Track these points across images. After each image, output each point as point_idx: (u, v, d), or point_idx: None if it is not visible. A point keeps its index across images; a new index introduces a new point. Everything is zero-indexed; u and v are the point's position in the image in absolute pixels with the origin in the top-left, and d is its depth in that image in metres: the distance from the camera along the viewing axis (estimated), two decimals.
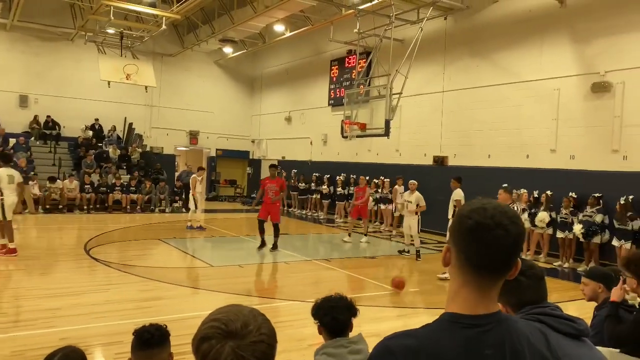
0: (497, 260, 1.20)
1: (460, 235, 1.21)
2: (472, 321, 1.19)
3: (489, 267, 1.20)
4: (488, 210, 1.20)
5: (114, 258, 9.81)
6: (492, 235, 1.17)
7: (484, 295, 1.22)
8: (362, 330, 2.84)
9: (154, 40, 20.58)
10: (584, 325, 1.83)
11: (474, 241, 1.19)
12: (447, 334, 1.19)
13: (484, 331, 1.18)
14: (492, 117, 13.53)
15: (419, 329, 1.23)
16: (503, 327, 1.20)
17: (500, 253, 1.19)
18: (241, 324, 1.09)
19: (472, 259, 1.20)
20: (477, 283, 1.22)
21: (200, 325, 1.13)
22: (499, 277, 1.23)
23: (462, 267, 1.22)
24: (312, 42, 20.15)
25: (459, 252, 1.22)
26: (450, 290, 1.26)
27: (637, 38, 10.68)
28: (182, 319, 5.81)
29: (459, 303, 1.22)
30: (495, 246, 1.18)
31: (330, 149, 19.51)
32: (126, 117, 21.72)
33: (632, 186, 10.29)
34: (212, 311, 1.16)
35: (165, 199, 18.80)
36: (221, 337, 1.07)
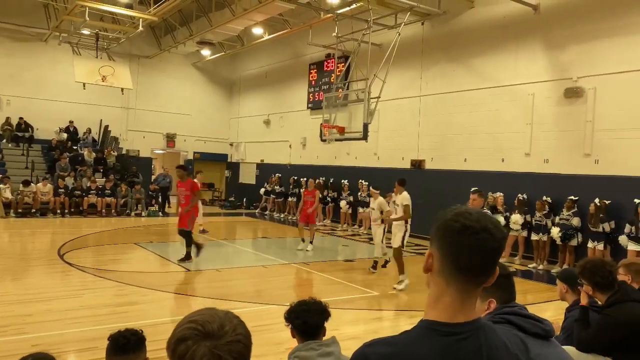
0: (482, 263, 1.22)
1: (447, 238, 1.22)
2: (451, 329, 1.20)
3: (474, 269, 1.21)
4: (473, 215, 1.22)
5: (89, 263, 9.65)
6: (478, 238, 1.19)
7: (465, 302, 1.23)
8: (339, 333, 2.87)
9: (131, 42, 20.33)
10: (550, 326, 1.89)
11: (460, 243, 1.20)
12: (425, 342, 1.19)
13: (461, 339, 1.19)
14: (469, 121, 13.72)
15: (397, 337, 1.23)
16: (481, 334, 1.21)
17: (486, 256, 1.21)
18: (217, 325, 1.10)
19: (458, 261, 1.21)
20: (460, 288, 1.22)
21: (176, 328, 1.13)
22: (480, 281, 1.24)
23: (447, 271, 1.22)
24: (291, 46, 20.17)
25: (444, 256, 1.23)
26: (431, 296, 1.26)
27: (607, 45, 10.96)
28: (158, 324, 5.76)
29: (440, 310, 1.23)
30: (481, 249, 1.20)
31: (310, 152, 19.53)
32: (102, 119, 21.40)
33: (603, 189, 10.54)
34: (185, 316, 1.16)
35: (142, 203, 18.57)
36: (198, 338, 1.07)
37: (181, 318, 1.18)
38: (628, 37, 10.62)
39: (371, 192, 10.40)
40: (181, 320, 1.14)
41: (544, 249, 11.20)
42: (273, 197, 20.01)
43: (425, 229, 13.78)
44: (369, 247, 13.52)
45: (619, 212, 10.21)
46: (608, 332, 3.22)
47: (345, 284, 8.91)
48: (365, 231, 15.68)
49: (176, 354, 1.08)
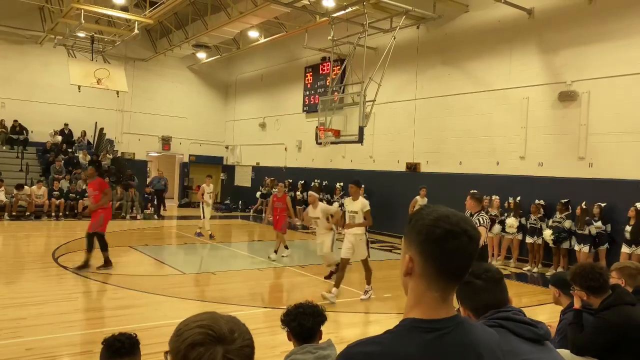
0: (463, 266, 1.25)
1: (428, 243, 1.24)
2: (433, 325, 1.23)
3: (456, 272, 1.25)
4: (451, 218, 1.25)
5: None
6: (460, 242, 1.23)
7: (445, 300, 1.26)
8: (335, 335, 2.87)
9: (126, 45, 20.31)
10: (544, 330, 1.89)
11: (443, 249, 1.22)
12: (408, 340, 1.22)
13: (444, 334, 1.22)
14: (464, 124, 13.77)
15: (381, 336, 1.25)
16: (461, 329, 1.25)
17: (467, 259, 1.25)
18: (228, 329, 1.10)
19: (441, 266, 1.23)
20: (441, 288, 1.25)
21: (181, 332, 1.11)
22: (460, 282, 1.28)
23: (428, 275, 1.25)
24: (286, 49, 20.20)
25: (425, 261, 1.24)
26: (411, 297, 1.29)
27: (601, 49, 11.04)
28: (152, 327, 5.74)
29: (421, 309, 1.26)
30: (463, 252, 1.23)
31: (305, 155, 19.54)
32: (97, 122, 21.34)
33: (597, 193, 10.60)
34: (186, 319, 1.15)
35: (136, 206, 18.51)
36: (211, 342, 1.07)
37: (175, 321, 1.17)
38: (621, 41, 10.70)
39: (310, 197, 9.51)
40: (184, 324, 1.12)
41: (539, 252, 11.25)
42: (268, 200, 19.96)
43: None
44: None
45: (613, 215, 10.27)
46: (602, 335, 3.24)
47: (341, 287, 8.89)
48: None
49: (189, 357, 1.07)
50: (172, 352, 1.09)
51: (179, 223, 18.45)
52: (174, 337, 1.11)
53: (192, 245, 13.25)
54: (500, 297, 1.98)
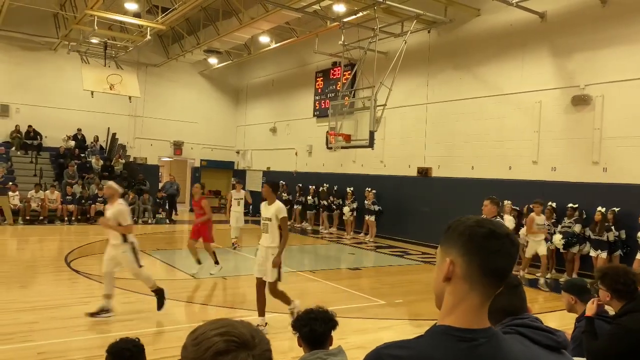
0: (505, 267, 1.25)
1: (473, 243, 1.24)
2: (466, 334, 1.21)
3: (499, 273, 1.25)
4: (494, 222, 1.28)
5: (96, 270, 9.62)
6: (503, 243, 1.24)
7: (482, 308, 1.25)
8: (346, 341, 2.84)
9: (139, 51, 20.50)
10: (562, 337, 1.85)
11: (488, 247, 1.23)
12: (440, 346, 1.20)
13: (477, 345, 1.20)
14: (475, 129, 13.68)
15: (412, 340, 1.24)
16: (494, 342, 1.23)
17: (509, 260, 1.26)
18: (249, 335, 1.08)
19: (485, 265, 1.23)
20: (482, 292, 1.24)
21: (199, 341, 1.07)
22: (500, 286, 1.27)
23: (472, 276, 1.24)
24: (297, 54, 20.25)
25: (469, 262, 1.24)
26: (449, 303, 1.27)
27: (615, 52, 10.91)
28: (163, 332, 5.75)
29: (457, 316, 1.24)
30: (505, 253, 1.24)
31: (315, 160, 19.54)
32: (109, 127, 21.53)
33: (612, 197, 10.46)
34: (201, 327, 1.10)
35: (149, 210, 18.61)
36: (236, 349, 1.05)
37: (186, 326, 1.15)
38: (635, 44, 10.57)
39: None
40: (200, 332, 1.08)
41: (552, 257, 11.11)
42: None
43: (431, 237, 13.74)
44: (376, 255, 13.48)
45: (628, 221, 10.12)
46: (619, 342, 3.17)
47: (351, 293, 8.86)
48: (371, 239, 15.61)
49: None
50: None
51: (190, 227, 18.51)
52: (193, 348, 1.07)
53: (203, 250, 13.26)
54: (517, 303, 1.95)
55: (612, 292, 3.32)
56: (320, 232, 17.46)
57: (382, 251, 13.93)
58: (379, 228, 15.76)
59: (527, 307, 2.02)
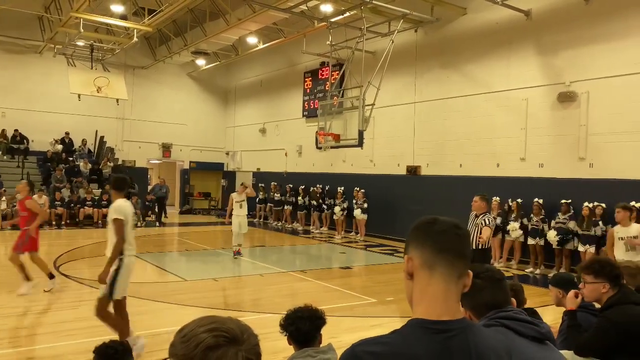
0: (458, 245, 1.32)
1: (422, 230, 1.34)
2: (440, 326, 1.24)
3: (453, 250, 1.30)
4: (440, 216, 1.37)
5: (85, 274, 9.60)
6: (447, 226, 1.33)
7: (449, 294, 1.28)
8: (338, 340, 2.85)
9: (126, 53, 20.38)
10: (546, 329, 1.88)
11: (437, 230, 1.32)
12: (415, 340, 1.22)
13: (450, 336, 1.23)
14: (463, 127, 13.76)
15: (387, 335, 1.26)
16: (469, 333, 1.26)
17: (458, 239, 1.32)
18: (238, 331, 1.09)
19: (437, 244, 1.30)
20: (443, 273, 1.29)
21: (188, 337, 1.08)
22: (458, 269, 1.31)
23: (429, 259, 1.30)
24: (285, 54, 20.24)
25: (423, 248, 1.31)
26: (416, 294, 1.32)
27: (600, 50, 11.04)
28: (154, 334, 5.73)
29: (426, 304, 1.28)
30: (452, 234, 1.32)
31: (305, 160, 19.54)
32: (97, 130, 21.39)
33: (598, 193, 10.57)
34: (189, 325, 1.12)
35: (138, 213, 18.50)
36: (227, 344, 1.06)
37: (177, 328, 1.15)
38: (619, 42, 10.70)
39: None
40: (189, 329, 1.10)
41: (541, 253, 11.21)
42: (271, 205, 19.97)
43: None
44: (366, 254, 13.52)
45: (613, 216, 10.21)
46: (606, 335, 3.19)
47: (342, 291, 8.89)
48: (361, 238, 15.64)
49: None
50: (182, 359, 1.07)
51: (180, 230, 18.46)
52: (182, 344, 1.08)
53: (193, 252, 13.24)
54: (500, 297, 1.98)
55: (613, 279, 3.30)
56: (311, 232, 17.47)
57: (372, 250, 13.97)
58: (369, 227, 15.80)
59: (511, 300, 2.05)
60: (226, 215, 12.15)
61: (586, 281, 3.40)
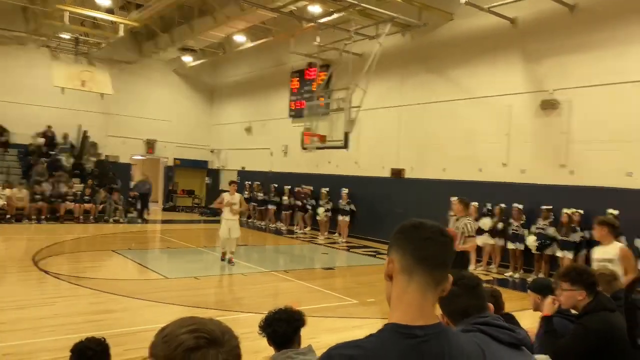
0: (438, 254, 1.33)
1: (405, 235, 1.35)
2: (414, 331, 1.26)
3: (432, 259, 1.32)
4: (424, 219, 1.39)
5: (65, 270, 9.49)
6: (433, 231, 1.34)
7: (425, 301, 1.30)
8: (317, 340, 2.88)
9: (112, 47, 20.14)
10: (522, 335, 1.93)
11: (419, 236, 1.33)
12: (389, 344, 1.24)
13: (424, 341, 1.25)
14: (448, 131, 13.89)
15: (363, 340, 1.28)
16: (442, 337, 1.28)
17: (440, 247, 1.33)
18: (219, 332, 1.10)
19: (418, 252, 1.31)
20: (421, 282, 1.30)
21: (168, 338, 1.08)
22: (437, 277, 1.32)
23: (408, 266, 1.32)
24: (272, 54, 20.21)
25: (404, 253, 1.33)
26: (394, 298, 1.34)
27: (582, 59, 11.23)
28: (134, 332, 5.70)
29: (403, 310, 1.30)
30: (435, 241, 1.33)
31: (291, 160, 19.53)
32: (80, 124, 21.12)
33: (578, 200, 10.76)
34: (169, 325, 1.12)
35: (120, 209, 18.34)
36: (207, 346, 1.07)
37: (157, 326, 1.16)
38: (602, 51, 10.90)
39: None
40: (169, 330, 1.10)
41: (520, 257, 11.37)
42: (254, 205, 19.93)
43: None
44: (349, 255, 13.57)
45: (592, 223, 10.40)
46: (583, 341, 3.25)
47: (324, 292, 8.92)
48: (344, 239, 15.69)
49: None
50: (163, 359, 1.07)
51: (163, 227, 18.33)
52: (163, 345, 1.08)
53: (175, 250, 13.16)
54: (476, 303, 2.01)
55: (588, 287, 3.37)
56: (295, 232, 17.48)
57: (355, 251, 14.03)
58: (352, 228, 15.85)
59: (488, 305, 2.09)
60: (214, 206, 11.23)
61: (563, 288, 3.46)
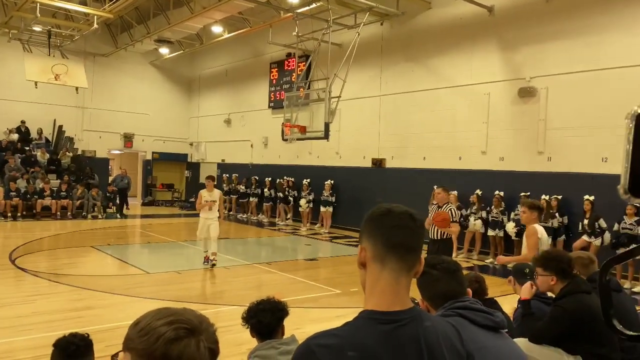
0: (408, 239, 1.33)
1: (375, 222, 1.36)
2: (389, 317, 1.27)
3: (403, 245, 1.32)
4: (394, 205, 1.39)
5: (43, 267, 9.33)
6: (401, 217, 1.35)
7: (398, 286, 1.31)
8: (302, 331, 2.87)
9: (86, 40, 19.74)
10: (500, 318, 1.96)
11: (388, 223, 1.33)
12: (366, 331, 1.26)
13: (400, 326, 1.27)
14: (427, 120, 13.96)
15: (340, 328, 1.30)
16: (418, 322, 1.30)
17: (410, 232, 1.34)
18: (197, 321, 1.10)
19: (389, 238, 1.32)
20: (394, 268, 1.31)
21: (146, 331, 1.07)
22: (409, 262, 1.33)
23: (380, 253, 1.32)
24: (251, 44, 20.03)
25: (375, 241, 1.33)
26: (368, 286, 1.35)
27: (559, 46, 11.36)
28: (114, 328, 5.63)
29: (377, 296, 1.31)
30: (405, 226, 1.34)
31: (271, 152, 19.46)
32: (55, 119, 20.70)
33: (555, 186, 10.94)
34: (144, 318, 1.11)
35: (98, 205, 18.08)
36: (187, 336, 1.06)
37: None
38: (577, 40, 11.04)
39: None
40: (146, 322, 1.08)
41: (500, 244, 11.53)
42: (235, 197, 19.83)
43: None
44: (331, 246, 13.61)
45: (570, 208, 10.62)
46: (560, 323, 3.34)
47: (307, 283, 8.93)
48: (326, 230, 15.72)
49: (172, 355, 1.04)
50: (141, 353, 1.05)
51: (142, 222, 18.13)
52: (141, 339, 1.07)
53: (156, 245, 13.03)
54: (456, 287, 2.04)
55: (558, 273, 3.48)
56: (277, 224, 17.45)
57: (337, 241, 14.07)
58: (335, 219, 15.89)
59: (467, 290, 2.11)
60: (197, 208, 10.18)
61: (537, 273, 3.58)
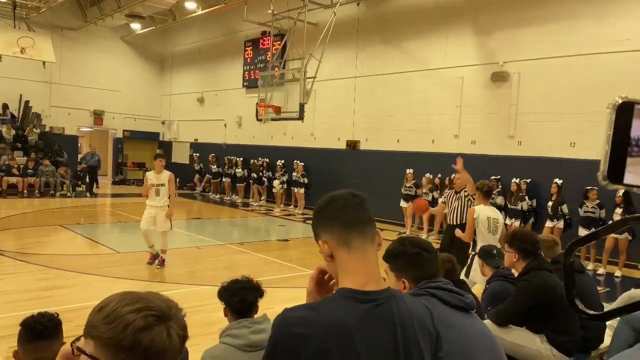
0: (360, 213, 1.39)
1: (326, 210, 1.42)
2: (366, 296, 1.30)
3: (358, 220, 1.38)
4: (336, 191, 1.46)
5: (9, 246, 9.12)
6: (346, 198, 1.42)
7: (368, 261, 1.36)
8: (274, 310, 2.88)
9: (53, 12, 19.07)
10: (470, 299, 2.01)
11: (338, 206, 1.40)
12: (344, 308, 1.28)
13: (376, 305, 1.30)
14: (401, 103, 14.02)
15: (318, 302, 1.34)
16: (393, 302, 1.33)
17: (359, 207, 1.39)
18: (165, 306, 1.06)
19: (344, 219, 1.37)
20: (359, 245, 1.36)
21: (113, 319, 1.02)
22: (369, 234, 1.38)
23: (341, 236, 1.36)
24: (225, 22, 19.66)
25: (332, 228, 1.38)
26: (340, 271, 1.37)
27: (531, 32, 11.49)
28: (84, 307, 5.55)
29: (351, 275, 1.34)
30: (352, 203, 1.40)
31: (245, 132, 19.28)
32: (22, 94, 20.04)
33: (525, 169, 11.17)
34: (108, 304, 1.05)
35: (67, 183, 17.69)
36: (157, 323, 1.03)
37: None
38: (549, 25, 11.18)
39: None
40: (112, 309, 1.03)
41: None
42: (208, 177, 19.66)
43: None
44: (304, 227, 13.66)
45: (538, 191, 10.87)
46: (528, 295, 3.47)
47: (280, 263, 8.97)
48: (299, 211, 15.76)
49: (141, 344, 1.00)
50: (108, 342, 1.01)
51: (113, 201, 17.84)
52: (107, 326, 1.01)
53: (126, 224, 12.85)
54: (429, 268, 2.09)
55: (520, 252, 3.63)
56: (251, 204, 17.39)
57: (310, 222, 14.11)
58: (308, 200, 15.91)
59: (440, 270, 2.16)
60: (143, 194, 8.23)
61: (504, 249, 3.80)
